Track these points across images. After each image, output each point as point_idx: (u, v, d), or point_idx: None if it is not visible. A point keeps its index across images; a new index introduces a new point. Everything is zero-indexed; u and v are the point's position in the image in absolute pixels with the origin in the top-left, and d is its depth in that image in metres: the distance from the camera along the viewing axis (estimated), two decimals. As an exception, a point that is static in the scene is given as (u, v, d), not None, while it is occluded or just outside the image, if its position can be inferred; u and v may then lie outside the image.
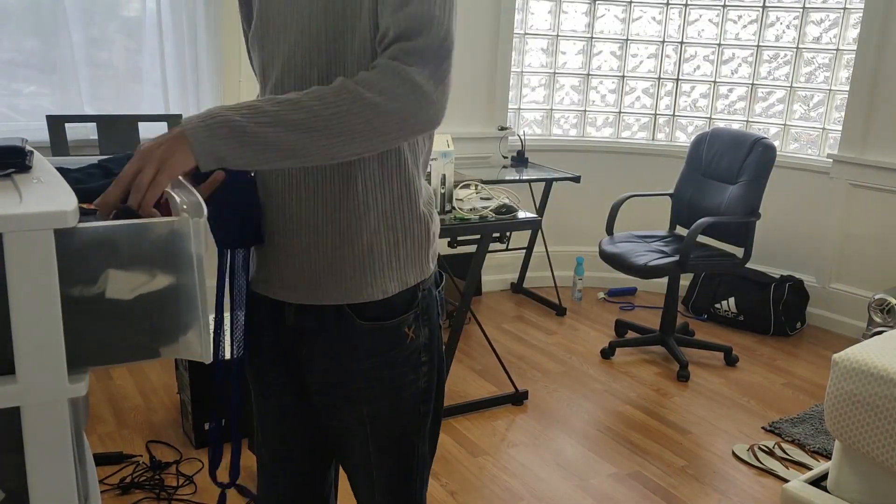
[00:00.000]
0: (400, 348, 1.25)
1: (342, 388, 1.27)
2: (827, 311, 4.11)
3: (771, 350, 3.82)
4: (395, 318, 1.23)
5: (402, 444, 1.31)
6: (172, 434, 2.75)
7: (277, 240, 1.23)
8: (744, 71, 4.32)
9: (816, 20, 4.08)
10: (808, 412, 3.13)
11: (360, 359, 1.24)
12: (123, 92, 3.37)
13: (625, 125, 4.59)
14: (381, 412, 1.27)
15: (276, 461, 1.41)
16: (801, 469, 2.72)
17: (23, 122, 3.16)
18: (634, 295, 4.59)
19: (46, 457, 0.92)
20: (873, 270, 3.92)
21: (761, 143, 3.44)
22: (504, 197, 3.06)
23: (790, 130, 4.24)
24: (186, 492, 2.42)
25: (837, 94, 4.04)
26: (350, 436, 1.30)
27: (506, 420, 2.99)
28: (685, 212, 3.72)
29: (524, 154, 4.21)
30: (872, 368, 2.04)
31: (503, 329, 3.95)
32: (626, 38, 4.46)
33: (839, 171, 3.95)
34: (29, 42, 3.12)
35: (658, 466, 2.70)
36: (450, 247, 2.98)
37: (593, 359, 3.62)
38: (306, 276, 1.22)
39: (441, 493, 2.47)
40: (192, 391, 2.59)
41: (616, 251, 3.50)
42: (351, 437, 1.30)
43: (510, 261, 4.55)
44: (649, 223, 4.47)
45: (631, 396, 3.24)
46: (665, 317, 3.61)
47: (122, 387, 3.10)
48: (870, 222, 3.90)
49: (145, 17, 3.32)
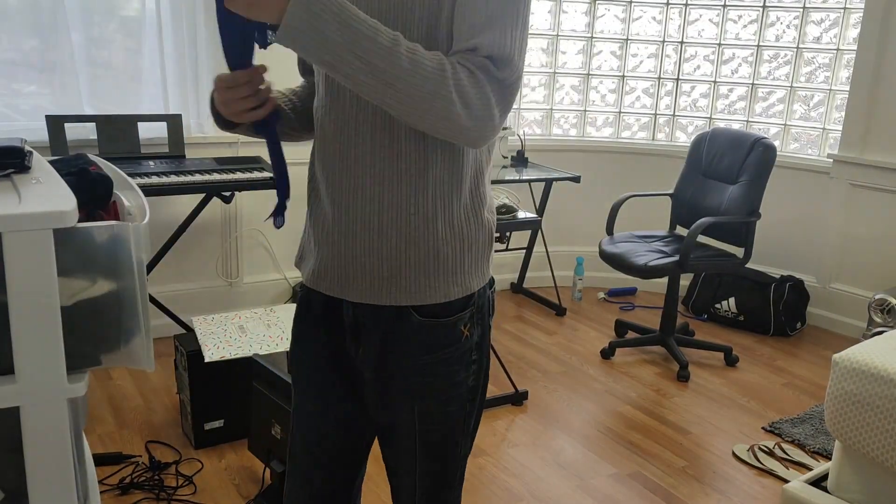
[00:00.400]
0: (456, 346, 1.26)
1: (396, 382, 1.27)
2: (827, 311, 4.11)
3: (771, 350, 3.81)
4: (452, 316, 1.24)
5: (448, 442, 1.31)
6: (172, 434, 2.75)
7: (340, 238, 1.23)
8: (744, 71, 4.32)
9: (817, 20, 4.07)
10: (808, 412, 3.13)
11: (416, 354, 1.24)
12: (123, 92, 3.36)
13: (625, 125, 4.59)
14: (431, 409, 1.28)
15: (311, 461, 1.39)
16: (801, 469, 2.72)
17: (22, 122, 3.16)
18: (634, 295, 4.58)
19: (46, 457, 0.92)
20: (873, 270, 3.92)
21: (761, 143, 3.44)
22: (504, 197, 3.06)
23: (790, 130, 4.23)
24: (186, 492, 2.42)
25: (838, 93, 4.04)
26: (398, 431, 1.31)
27: (506, 420, 2.99)
28: (685, 212, 3.72)
29: (524, 154, 4.20)
30: (873, 368, 2.04)
31: (503, 329, 3.95)
32: (627, 37, 4.46)
33: (839, 171, 3.94)
34: (28, 42, 3.11)
35: (658, 466, 2.70)
36: (450, 247, 2.97)
37: (593, 359, 3.62)
38: (368, 277, 1.22)
39: (441, 494, 2.47)
40: (192, 391, 2.59)
41: (616, 251, 3.50)
42: (399, 433, 1.31)
43: (510, 261, 4.55)
44: (649, 223, 4.47)
45: (631, 396, 3.24)
46: (665, 317, 3.61)
47: (122, 387, 3.10)
48: (870, 222, 3.90)
49: (145, 16, 3.32)
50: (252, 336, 2.64)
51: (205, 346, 2.56)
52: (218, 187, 3.11)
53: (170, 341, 3.57)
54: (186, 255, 3.61)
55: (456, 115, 1.06)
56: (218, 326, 2.67)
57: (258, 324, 2.72)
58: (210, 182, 3.09)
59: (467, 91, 1.06)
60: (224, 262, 3.71)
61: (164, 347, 3.49)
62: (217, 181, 3.11)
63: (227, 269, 3.72)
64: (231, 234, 3.68)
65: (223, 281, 3.72)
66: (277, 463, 2.26)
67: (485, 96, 1.07)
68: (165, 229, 3.51)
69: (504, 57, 1.08)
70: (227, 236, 3.68)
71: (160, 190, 2.96)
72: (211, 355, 2.53)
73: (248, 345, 2.59)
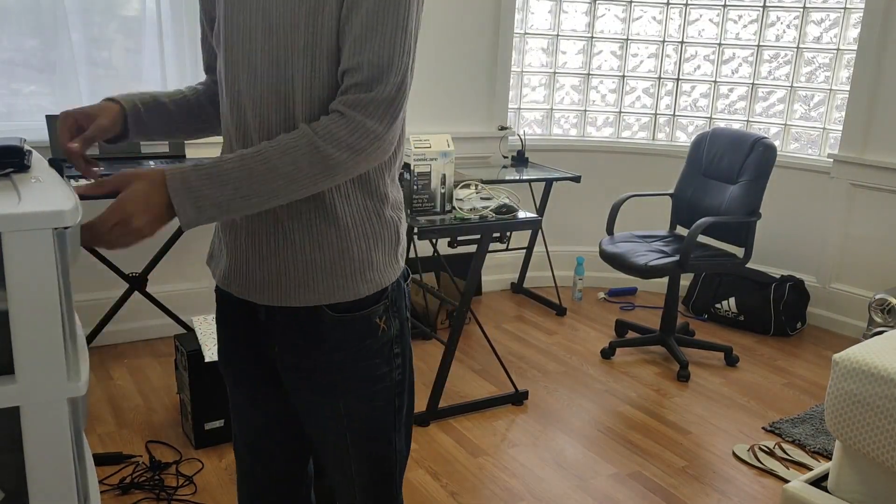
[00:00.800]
0: (373, 339, 1.26)
1: (315, 381, 1.28)
2: (827, 311, 4.11)
3: (771, 350, 3.81)
4: (366, 310, 1.25)
5: (379, 439, 1.32)
6: (172, 434, 2.75)
7: (248, 242, 1.24)
8: (744, 71, 4.32)
9: (817, 20, 4.07)
10: (808, 412, 3.13)
11: (332, 350, 1.25)
12: (123, 92, 3.36)
13: (625, 125, 4.59)
14: (357, 406, 1.29)
15: (252, 454, 1.42)
16: (801, 469, 2.72)
17: (22, 122, 3.16)
18: (634, 295, 4.58)
19: (46, 457, 0.92)
20: (874, 270, 3.92)
21: (762, 143, 3.44)
22: (504, 197, 3.06)
23: (790, 130, 4.23)
24: (186, 492, 2.42)
25: (838, 93, 4.04)
26: (327, 431, 1.31)
27: (506, 420, 2.99)
28: (685, 212, 3.72)
29: (524, 154, 4.20)
30: (873, 368, 2.04)
31: (503, 329, 3.95)
32: (627, 37, 4.46)
33: (839, 171, 3.94)
34: (28, 42, 3.11)
35: (658, 466, 2.70)
36: (450, 247, 2.97)
37: (593, 359, 3.62)
38: (277, 280, 1.23)
39: (441, 494, 2.47)
40: (192, 391, 2.59)
41: (616, 251, 3.50)
42: (328, 433, 1.31)
43: (510, 261, 4.55)
44: (649, 223, 4.47)
45: (631, 396, 3.24)
46: (665, 317, 3.61)
47: (122, 387, 3.10)
48: (870, 222, 3.90)
49: (145, 16, 3.32)
50: (252, 336, 2.64)
51: (205, 346, 2.56)
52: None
53: (170, 341, 3.57)
54: (186, 255, 3.61)
55: (342, 161, 1.12)
56: (218, 326, 2.67)
57: (258, 324, 2.71)
58: (210, 182, 3.09)
59: (341, 137, 1.12)
60: (224, 261, 3.70)
61: (164, 347, 3.49)
62: (217, 181, 3.10)
63: (228, 269, 3.72)
64: (231, 234, 3.68)
65: (223, 281, 3.72)
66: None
67: (360, 128, 1.12)
68: (165, 229, 3.51)
69: (378, 74, 1.12)
70: (228, 236, 3.68)
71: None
72: (211, 355, 2.53)
73: (248, 345, 2.59)
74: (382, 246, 1.26)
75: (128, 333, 3.52)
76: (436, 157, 2.81)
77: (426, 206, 2.85)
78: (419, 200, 2.83)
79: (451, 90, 4.11)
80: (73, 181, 2.89)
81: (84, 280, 3.38)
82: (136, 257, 3.47)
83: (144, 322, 3.55)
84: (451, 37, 4.04)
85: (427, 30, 3.97)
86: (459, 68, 4.11)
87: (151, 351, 3.45)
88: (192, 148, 3.44)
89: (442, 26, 4.00)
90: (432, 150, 2.81)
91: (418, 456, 2.69)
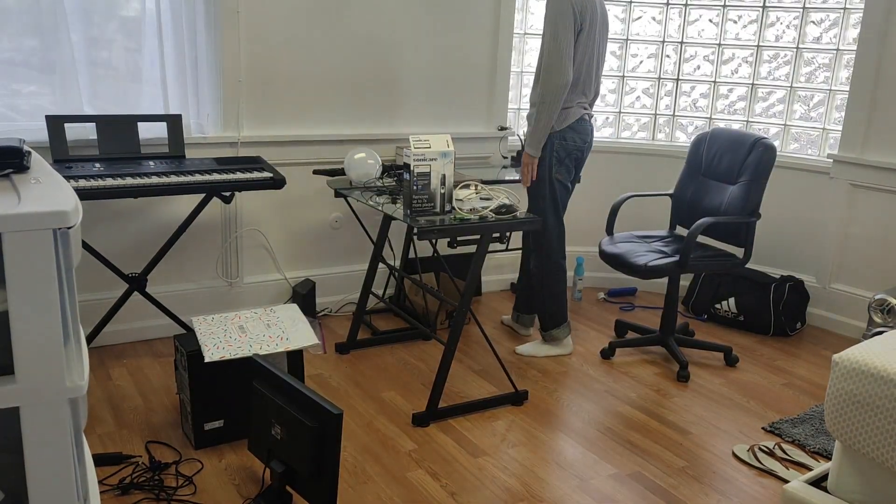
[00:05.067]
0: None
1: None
2: (827, 312, 4.11)
3: (771, 350, 3.81)
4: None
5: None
6: (172, 434, 2.75)
7: None
8: (744, 71, 4.32)
9: (816, 20, 4.07)
10: (808, 412, 3.13)
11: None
12: (123, 92, 3.36)
13: (625, 125, 4.59)
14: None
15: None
16: (801, 469, 2.72)
17: (22, 122, 3.16)
18: (634, 295, 4.58)
19: (46, 457, 0.92)
20: (873, 270, 3.92)
21: (761, 144, 3.44)
22: (504, 197, 3.06)
23: (790, 130, 4.23)
24: (186, 492, 2.42)
25: (837, 94, 4.04)
26: None
27: (506, 420, 2.99)
28: (685, 212, 3.72)
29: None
30: (873, 369, 2.04)
31: (503, 329, 3.95)
32: (626, 37, 4.46)
33: (839, 172, 3.94)
34: (28, 42, 3.11)
35: (658, 467, 2.70)
36: (450, 247, 2.97)
37: (593, 359, 3.62)
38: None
39: (441, 494, 2.47)
40: (192, 391, 2.59)
41: (616, 251, 3.50)
42: None
43: (510, 261, 4.55)
44: (649, 223, 4.47)
45: (631, 397, 3.24)
46: (665, 317, 3.61)
47: (122, 387, 3.10)
48: (870, 222, 3.90)
49: (145, 16, 3.32)
50: (252, 336, 2.64)
51: (205, 346, 2.56)
52: (218, 187, 3.12)
53: (170, 341, 3.57)
54: (186, 255, 3.61)
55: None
56: (218, 326, 2.67)
57: (258, 324, 2.72)
58: (210, 182, 3.09)
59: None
60: (224, 262, 3.71)
61: (164, 348, 3.49)
62: (217, 181, 3.11)
63: (227, 269, 3.72)
64: (231, 234, 3.68)
65: (223, 281, 3.72)
66: (277, 463, 2.26)
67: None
68: (165, 229, 3.51)
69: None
70: (227, 236, 3.68)
71: (160, 190, 2.97)
72: (211, 355, 2.53)
73: (247, 345, 2.59)
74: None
75: (128, 333, 3.52)
76: (435, 157, 2.81)
77: (426, 206, 2.85)
78: (419, 201, 2.83)
79: (450, 90, 4.12)
80: (73, 181, 2.89)
81: (84, 280, 3.38)
82: (136, 257, 3.47)
83: (144, 322, 3.55)
84: (451, 37, 4.04)
85: (427, 29, 3.97)
86: (459, 68, 4.10)
87: (151, 351, 3.45)
88: (192, 148, 3.44)
89: (442, 26, 4.00)
90: (432, 150, 2.81)
91: (418, 456, 2.69)
